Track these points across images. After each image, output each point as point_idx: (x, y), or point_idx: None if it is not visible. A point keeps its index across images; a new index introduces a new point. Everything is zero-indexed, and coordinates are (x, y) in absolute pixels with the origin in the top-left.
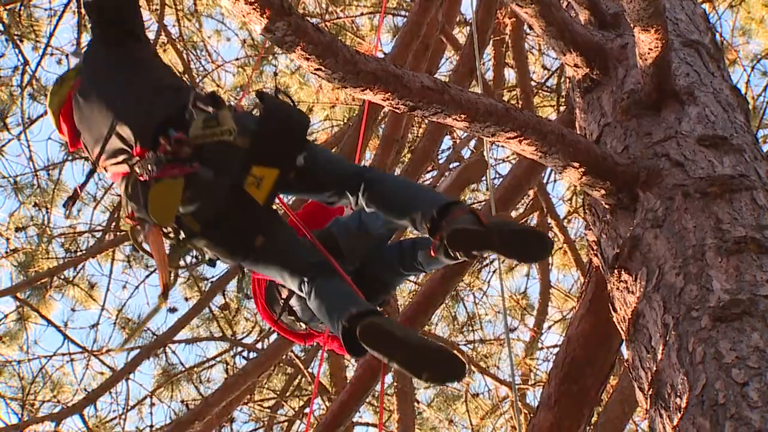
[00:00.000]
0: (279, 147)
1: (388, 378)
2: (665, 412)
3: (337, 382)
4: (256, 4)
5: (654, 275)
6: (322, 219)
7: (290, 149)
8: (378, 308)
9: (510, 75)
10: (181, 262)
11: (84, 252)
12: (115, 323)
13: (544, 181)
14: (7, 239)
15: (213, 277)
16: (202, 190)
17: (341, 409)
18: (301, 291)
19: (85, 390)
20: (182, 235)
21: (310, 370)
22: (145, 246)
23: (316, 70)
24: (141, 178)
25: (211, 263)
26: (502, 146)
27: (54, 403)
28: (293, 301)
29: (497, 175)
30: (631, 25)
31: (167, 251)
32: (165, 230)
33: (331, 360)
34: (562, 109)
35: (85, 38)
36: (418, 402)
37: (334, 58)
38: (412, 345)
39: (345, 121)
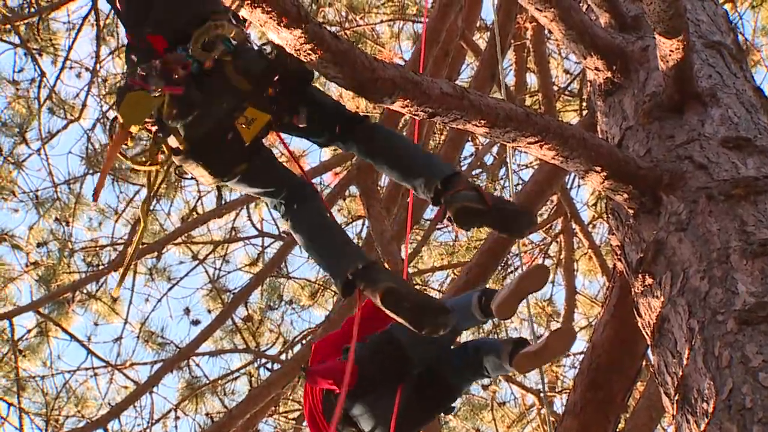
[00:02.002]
0: (280, 94)
1: None
2: (692, 417)
3: None
4: (273, 13)
5: (678, 279)
6: (380, 320)
7: (291, 99)
8: None
9: (532, 79)
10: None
11: (106, 265)
12: (138, 336)
13: (568, 186)
14: (28, 254)
15: (235, 288)
16: (189, 112)
17: None
18: (277, 211)
19: (109, 404)
20: (159, 135)
21: None
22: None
23: (334, 77)
24: (130, 81)
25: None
26: (524, 152)
27: (78, 418)
28: (355, 411)
29: (520, 181)
30: (652, 27)
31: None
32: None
33: None
34: (584, 113)
35: (105, 51)
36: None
37: (352, 65)
38: (417, 304)
39: None
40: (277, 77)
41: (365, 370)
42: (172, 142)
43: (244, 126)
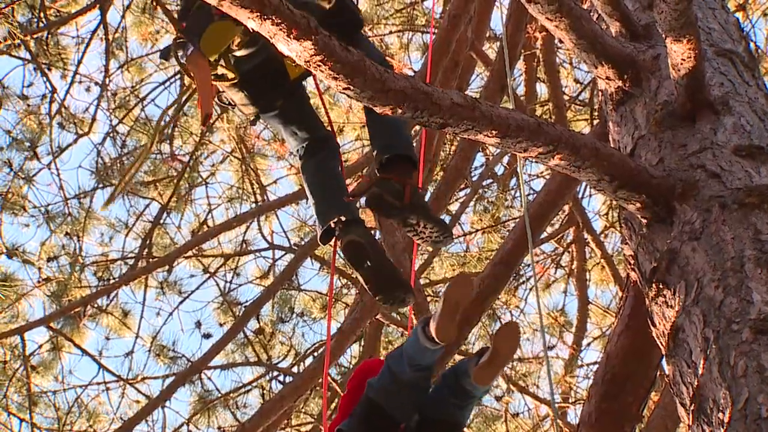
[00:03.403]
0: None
1: None
2: (708, 427)
3: None
4: (283, 25)
5: (693, 288)
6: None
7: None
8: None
9: (542, 89)
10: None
11: (117, 280)
12: (149, 350)
13: (580, 195)
14: (39, 269)
15: (246, 301)
16: (254, 42)
17: None
18: (297, 154)
19: (121, 419)
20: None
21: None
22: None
23: (345, 89)
24: (216, 11)
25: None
26: (535, 162)
27: None
28: None
29: (531, 191)
30: (663, 36)
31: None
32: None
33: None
34: (596, 122)
35: (113, 65)
36: None
37: (362, 76)
38: (380, 268)
39: None
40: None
41: None
42: (220, 69)
43: (291, 64)
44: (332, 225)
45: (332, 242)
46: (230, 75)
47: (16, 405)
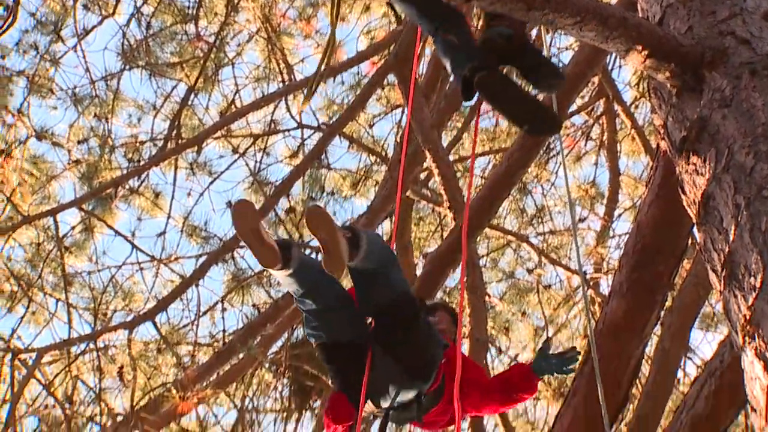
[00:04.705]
0: None
1: (458, 273)
2: (739, 292)
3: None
4: None
5: (723, 156)
6: None
7: None
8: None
9: None
10: None
11: (147, 161)
12: (182, 231)
13: (609, 67)
14: (69, 151)
15: (276, 181)
16: None
17: None
18: (431, 32)
19: (156, 298)
20: None
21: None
22: None
23: None
24: None
25: None
26: (564, 34)
27: (126, 312)
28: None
29: (560, 63)
30: None
31: None
32: None
33: (400, 260)
34: None
35: None
36: (489, 296)
37: None
38: (520, 102)
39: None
40: None
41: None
42: None
43: None
44: (467, 74)
45: (473, 94)
46: None
47: (51, 285)
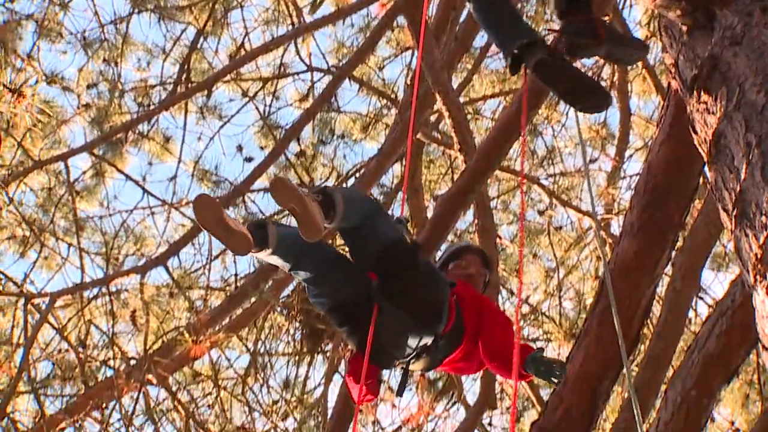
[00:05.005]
0: None
1: (469, 216)
2: (751, 231)
3: (417, 223)
4: None
5: (734, 94)
6: None
7: None
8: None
9: None
10: None
11: (157, 105)
12: (192, 175)
13: (620, 6)
14: (79, 96)
15: (287, 124)
16: None
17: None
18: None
19: (168, 242)
20: None
21: (390, 212)
22: None
23: None
24: None
25: None
26: None
27: (138, 257)
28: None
29: None
30: None
31: None
32: None
33: (410, 203)
34: None
35: None
36: (500, 238)
37: None
38: (572, 80)
39: None
40: None
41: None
42: None
43: None
44: (516, 53)
45: (522, 70)
46: None
47: (62, 230)
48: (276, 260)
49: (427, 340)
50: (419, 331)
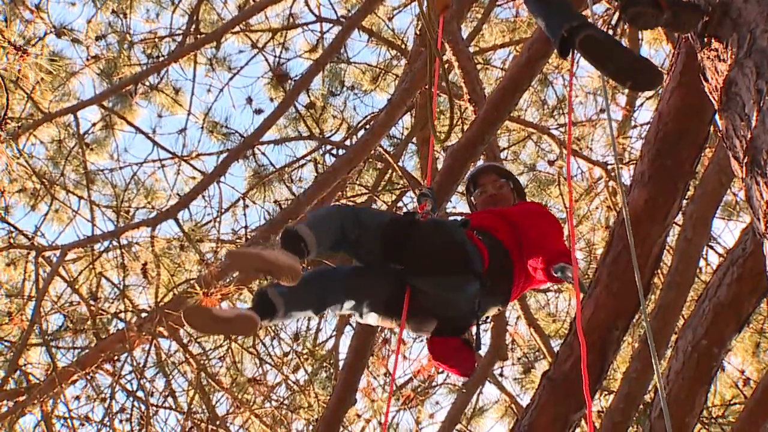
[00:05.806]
0: None
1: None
2: (762, 179)
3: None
4: None
5: (745, 41)
6: None
7: None
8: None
9: None
10: None
11: (166, 57)
12: (202, 127)
13: None
14: (88, 47)
15: (296, 76)
16: None
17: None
18: None
19: (178, 195)
20: None
21: (400, 164)
22: None
23: None
24: None
25: None
26: None
27: (148, 209)
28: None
29: None
30: None
31: None
32: None
33: (420, 153)
34: None
35: None
36: None
37: None
38: (621, 58)
39: None
40: None
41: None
42: None
43: None
44: (564, 35)
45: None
46: None
47: (73, 183)
48: (298, 315)
49: (475, 287)
50: (460, 285)
